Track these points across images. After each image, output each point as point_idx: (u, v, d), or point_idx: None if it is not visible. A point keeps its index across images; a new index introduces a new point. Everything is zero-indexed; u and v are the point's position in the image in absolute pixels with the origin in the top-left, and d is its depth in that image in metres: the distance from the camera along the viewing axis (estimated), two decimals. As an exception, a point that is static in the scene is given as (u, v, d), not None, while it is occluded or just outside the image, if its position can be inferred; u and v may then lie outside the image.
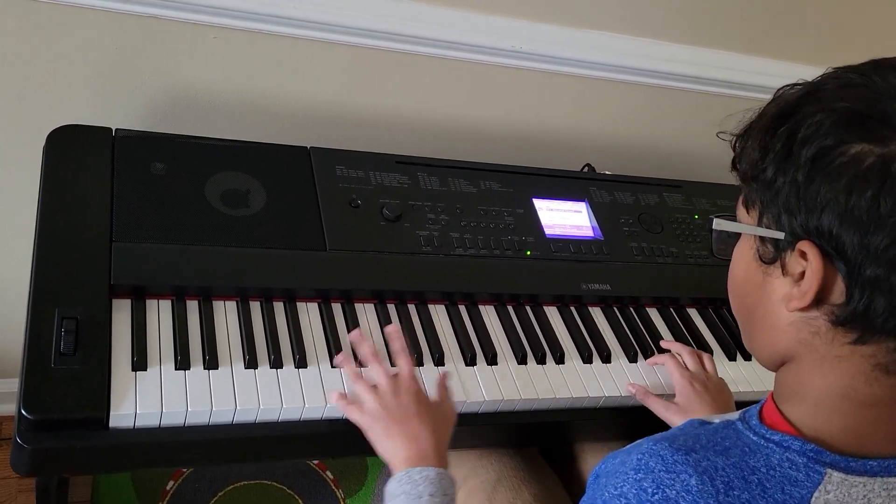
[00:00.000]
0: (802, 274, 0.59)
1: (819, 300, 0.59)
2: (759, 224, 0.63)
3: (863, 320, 0.57)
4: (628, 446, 0.63)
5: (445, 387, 0.96)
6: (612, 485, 0.60)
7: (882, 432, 0.60)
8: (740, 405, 0.89)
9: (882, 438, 0.60)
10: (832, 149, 0.56)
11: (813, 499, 0.58)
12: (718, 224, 0.68)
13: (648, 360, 1.14)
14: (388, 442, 0.87)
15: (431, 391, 0.95)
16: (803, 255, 0.59)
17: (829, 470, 0.59)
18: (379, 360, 0.94)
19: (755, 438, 0.61)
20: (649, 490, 0.58)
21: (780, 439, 0.60)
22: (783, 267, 0.61)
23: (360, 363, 0.97)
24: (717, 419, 0.66)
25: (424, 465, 0.84)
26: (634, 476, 0.59)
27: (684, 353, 1.12)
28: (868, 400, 0.60)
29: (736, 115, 0.65)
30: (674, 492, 0.57)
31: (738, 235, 0.68)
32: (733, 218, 0.67)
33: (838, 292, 0.58)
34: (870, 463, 0.59)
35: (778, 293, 0.62)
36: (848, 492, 0.59)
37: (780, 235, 0.60)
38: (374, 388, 0.91)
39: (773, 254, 0.62)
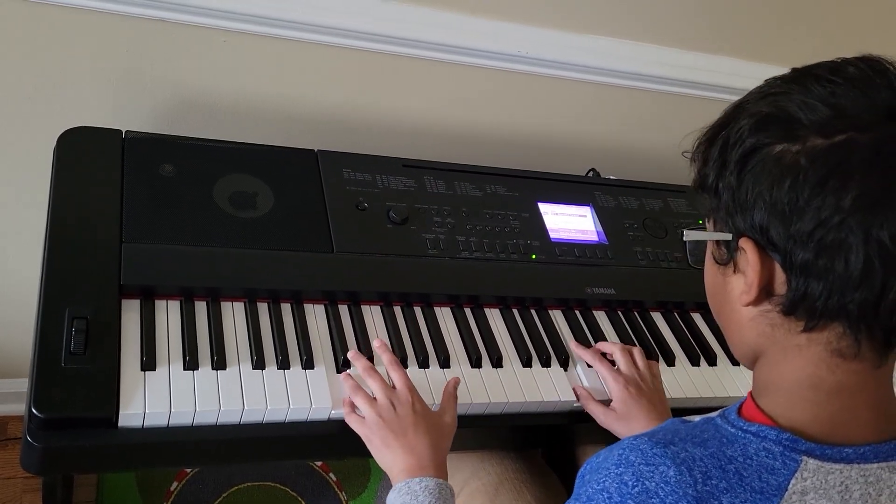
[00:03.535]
0: None
1: (767, 293, 0.63)
2: (714, 230, 0.67)
3: (805, 306, 0.60)
4: (612, 444, 0.65)
5: (453, 396, 0.97)
6: (595, 480, 0.62)
7: (855, 420, 0.62)
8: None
9: (856, 426, 0.62)
10: (755, 150, 0.61)
11: (790, 486, 0.59)
12: (688, 235, 0.72)
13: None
14: (386, 452, 0.89)
15: (439, 396, 0.97)
16: (744, 251, 0.62)
17: (804, 457, 0.60)
18: (375, 374, 0.95)
19: (733, 430, 0.63)
20: (629, 483, 0.60)
21: (757, 429, 0.62)
22: (735, 266, 0.65)
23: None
24: (697, 418, 0.68)
25: (423, 475, 0.86)
26: (616, 470, 0.61)
27: (616, 352, 1.08)
28: (834, 388, 0.62)
29: (695, 133, 0.69)
30: (653, 483, 0.59)
31: (706, 245, 0.71)
32: (703, 229, 0.71)
33: (780, 282, 0.61)
34: (846, 450, 0.61)
35: (735, 292, 0.66)
36: (825, 479, 0.60)
37: (728, 237, 0.64)
38: (374, 400, 0.93)
39: (726, 255, 0.66)
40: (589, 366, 1.09)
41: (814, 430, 0.62)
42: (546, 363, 1.09)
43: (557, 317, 1.17)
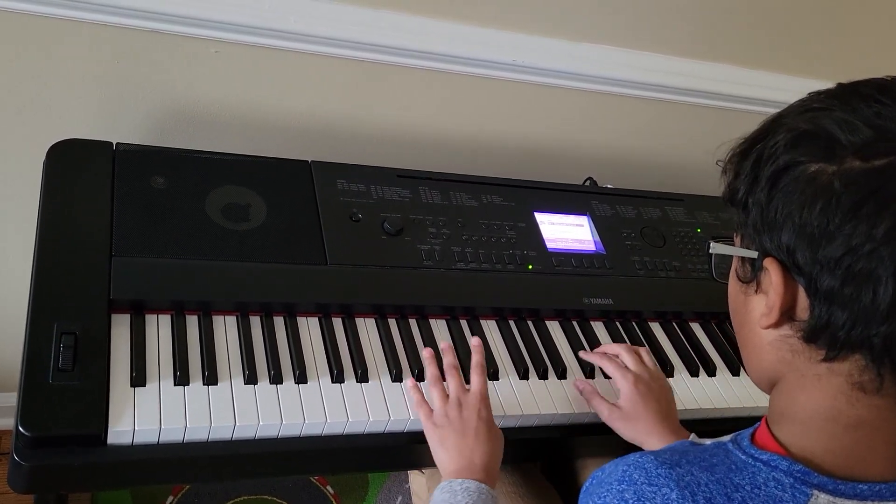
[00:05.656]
0: None
1: (789, 317, 0.61)
2: (741, 245, 0.65)
3: (827, 334, 0.58)
4: (617, 458, 0.64)
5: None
6: (596, 494, 0.61)
7: (873, 456, 0.60)
8: (740, 422, 0.89)
9: (874, 462, 0.60)
10: (789, 168, 0.58)
11: None
12: (714, 248, 0.70)
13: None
14: (441, 450, 0.91)
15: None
16: (768, 271, 0.60)
17: (815, 491, 0.58)
18: (457, 373, 0.98)
19: (743, 457, 0.61)
20: (630, 501, 0.58)
21: (768, 458, 0.60)
22: (758, 285, 0.63)
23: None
24: (708, 441, 0.66)
25: (469, 478, 0.86)
26: (618, 487, 0.60)
27: (622, 352, 1.07)
28: (853, 422, 0.60)
29: (729, 143, 0.66)
30: None
31: (731, 259, 0.69)
32: (731, 241, 0.69)
33: (803, 307, 0.59)
34: (860, 486, 0.59)
35: (756, 312, 0.64)
36: None
37: (754, 255, 0.62)
38: (447, 396, 0.95)
39: (750, 273, 0.64)
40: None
41: (828, 463, 0.59)
42: (543, 376, 1.08)
43: (555, 328, 1.16)
